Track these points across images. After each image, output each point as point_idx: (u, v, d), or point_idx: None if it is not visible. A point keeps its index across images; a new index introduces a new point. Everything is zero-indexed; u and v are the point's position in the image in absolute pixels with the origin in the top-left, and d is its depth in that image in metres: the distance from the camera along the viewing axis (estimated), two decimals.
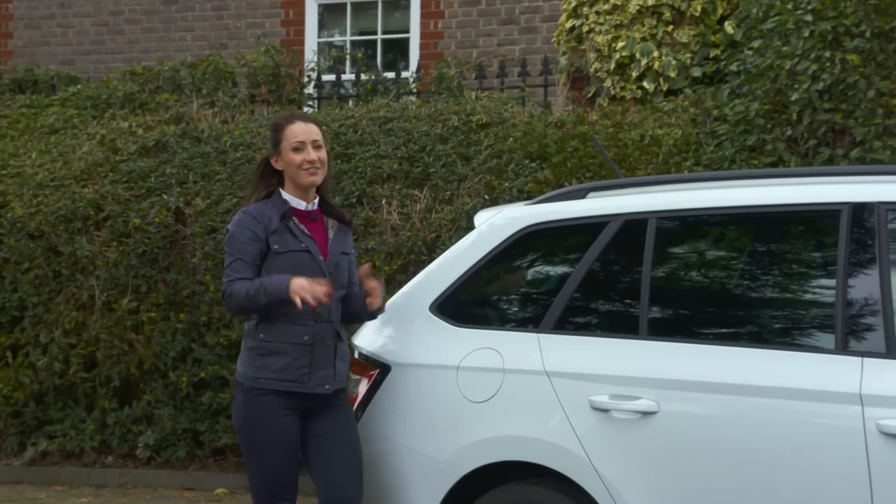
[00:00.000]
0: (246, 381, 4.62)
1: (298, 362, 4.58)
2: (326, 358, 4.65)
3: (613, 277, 4.70)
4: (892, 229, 4.12)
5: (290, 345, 4.58)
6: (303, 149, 4.67)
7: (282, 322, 4.58)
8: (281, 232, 4.61)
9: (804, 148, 6.78)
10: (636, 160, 7.35)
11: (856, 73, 6.59)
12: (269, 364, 4.58)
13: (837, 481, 3.97)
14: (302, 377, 4.59)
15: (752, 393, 4.16)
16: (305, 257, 4.63)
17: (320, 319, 4.62)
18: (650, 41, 8.71)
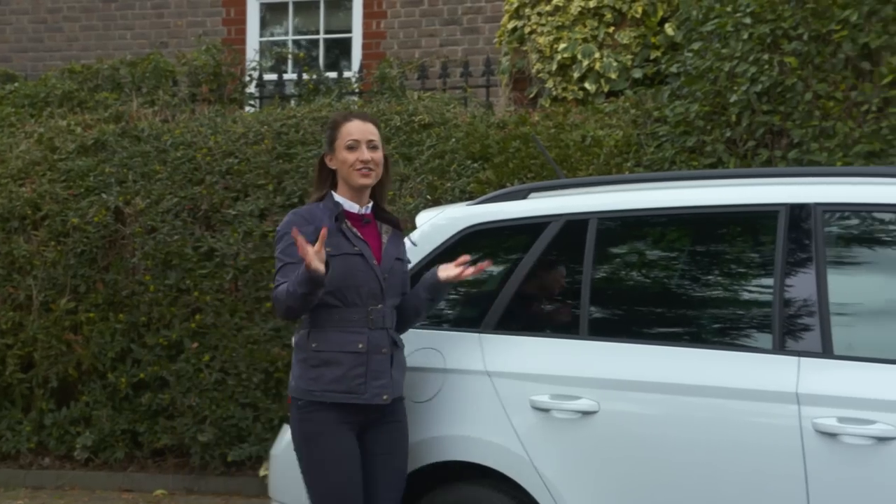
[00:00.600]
0: (300, 396, 4.35)
1: (353, 372, 4.32)
2: (383, 367, 4.38)
3: (555, 278, 4.71)
4: (829, 230, 4.17)
5: (345, 353, 4.33)
6: (357, 148, 4.44)
7: (334, 330, 4.34)
8: (333, 234, 4.36)
9: (743, 149, 6.84)
10: (577, 161, 7.38)
11: (793, 76, 6.66)
12: (323, 375, 4.32)
13: (775, 480, 4.01)
14: (358, 387, 4.32)
15: (691, 392, 4.18)
16: (359, 261, 4.38)
17: (374, 326, 4.37)
18: (591, 42, 8.76)
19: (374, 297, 4.37)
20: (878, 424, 3.86)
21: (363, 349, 4.33)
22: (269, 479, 5.16)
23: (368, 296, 4.36)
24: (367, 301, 4.36)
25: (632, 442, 4.26)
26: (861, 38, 6.48)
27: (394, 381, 4.41)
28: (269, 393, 7.72)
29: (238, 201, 7.90)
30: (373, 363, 4.35)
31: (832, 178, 4.36)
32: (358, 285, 4.35)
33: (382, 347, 4.38)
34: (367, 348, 4.34)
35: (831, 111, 6.55)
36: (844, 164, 6.31)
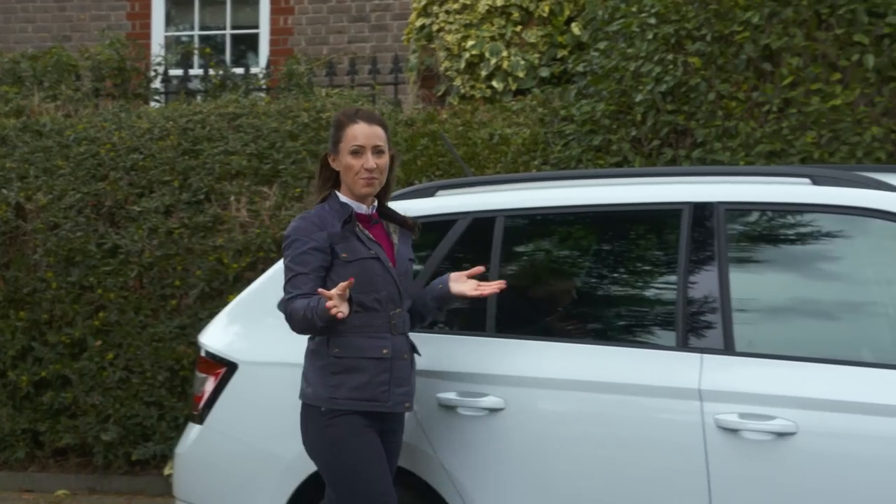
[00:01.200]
0: (322, 404, 4.16)
1: (378, 379, 4.15)
2: (405, 373, 4.23)
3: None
4: (731, 229, 4.23)
5: (368, 360, 4.15)
6: (362, 154, 4.22)
7: (356, 336, 4.15)
8: (347, 239, 4.17)
9: (648, 148, 6.91)
10: (485, 159, 7.41)
11: (697, 76, 6.74)
12: (345, 382, 4.14)
13: (678, 475, 4.06)
14: (381, 395, 4.16)
15: (596, 389, 4.22)
16: (376, 265, 4.19)
17: (396, 331, 4.21)
18: (499, 41, 8.79)
19: (393, 302, 4.22)
20: (778, 420, 3.93)
21: (387, 355, 4.17)
22: (174, 478, 5.11)
23: (388, 300, 4.20)
24: (388, 306, 4.20)
25: (538, 439, 4.29)
26: (762, 40, 6.59)
27: (412, 387, 4.28)
28: (175, 391, 7.64)
29: (143, 198, 7.81)
30: (396, 370, 4.19)
31: (734, 177, 4.43)
32: (377, 290, 4.17)
33: (404, 353, 4.23)
34: (391, 354, 4.18)
35: (734, 111, 6.65)
36: (746, 163, 6.41)
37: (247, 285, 5.17)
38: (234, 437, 4.76)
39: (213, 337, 4.98)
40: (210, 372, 4.89)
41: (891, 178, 4.20)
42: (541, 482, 4.28)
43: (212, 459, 4.83)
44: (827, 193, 4.13)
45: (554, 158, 7.29)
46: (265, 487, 4.64)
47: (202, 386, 4.91)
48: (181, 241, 7.64)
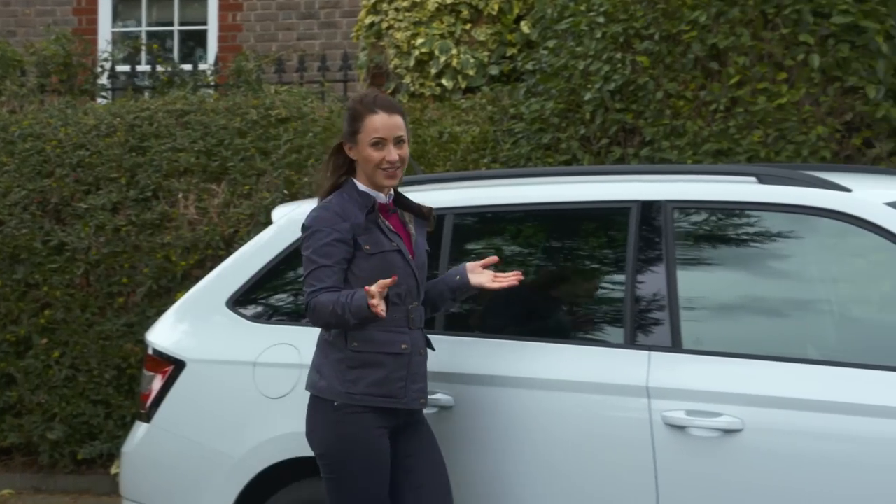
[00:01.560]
0: (336, 398, 4.04)
1: (395, 374, 4.04)
2: (421, 369, 4.13)
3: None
4: (679, 227, 4.26)
5: (387, 355, 4.04)
6: (383, 146, 4.07)
7: (375, 329, 4.02)
8: (370, 230, 4.05)
9: (597, 146, 6.94)
10: (435, 157, 7.42)
11: (645, 75, 6.78)
12: (363, 377, 4.03)
13: (626, 472, 4.09)
14: (398, 391, 4.05)
15: (545, 387, 4.24)
16: (398, 258, 4.07)
17: (414, 326, 4.10)
18: (449, 39, 8.80)
19: (411, 295, 4.11)
20: (725, 417, 3.96)
21: (406, 350, 4.06)
22: (121, 477, 5.08)
23: (407, 294, 4.09)
24: (407, 299, 4.09)
25: (486, 436, 4.30)
26: (709, 39, 6.63)
27: (427, 383, 4.18)
28: (122, 389, 7.59)
29: (89, 194, 7.74)
30: (413, 365, 4.09)
31: (682, 175, 4.46)
32: (398, 283, 4.04)
33: (421, 348, 4.14)
34: (410, 349, 4.08)
35: (681, 110, 6.69)
36: (694, 161, 6.45)
37: (195, 283, 5.15)
38: (182, 435, 4.74)
39: (160, 335, 4.96)
40: (157, 370, 4.86)
41: (835, 177, 4.25)
42: (489, 480, 4.29)
43: (159, 458, 4.81)
44: (772, 192, 4.17)
45: (503, 156, 7.30)
46: (213, 486, 4.62)
47: (149, 384, 4.88)
48: (128, 238, 7.59)
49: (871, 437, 3.80)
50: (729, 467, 3.95)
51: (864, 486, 3.79)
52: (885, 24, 6.40)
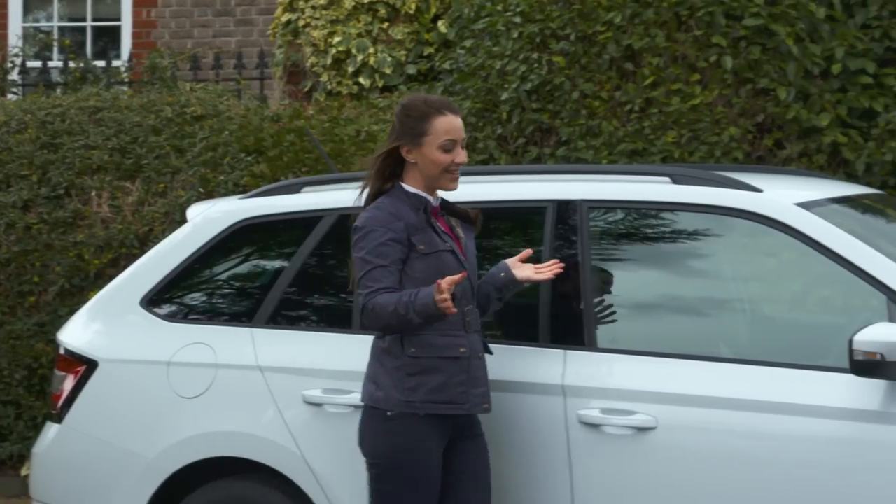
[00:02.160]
0: (393, 407, 3.91)
1: (455, 379, 3.90)
2: (481, 373, 3.98)
3: (328, 271, 4.71)
4: (594, 226, 4.29)
5: (445, 360, 3.90)
6: (453, 149, 3.97)
7: (431, 334, 3.90)
8: (423, 230, 3.94)
9: (513, 146, 6.97)
10: (352, 155, 7.40)
11: (561, 75, 6.82)
12: (423, 384, 3.89)
13: (542, 470, 4.11)
14: (459, 396, 3.91)
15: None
16: (451, 258, 3.97)
17: (470, 329, 3.97)
18: (366, 37, 8.79)
19: (466, 297, 3.98)
20: (639, 415, 4.00)
21: (465, 353, 3.93)
22: (31, 479, 5.01)
23: (462, 296, 3.93)
24: (461, 302, 3.93)
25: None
26: (624, 40, 6.70)
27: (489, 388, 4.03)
28: (33, 390, 7.48)
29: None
30: (472, 369, 3.95)
31: (597, 175, 4.50)
32: None
33: (479, 353, 4.00)
34: (468, 353, 3.94)
35: (597, 110, 6.75)
36: (609, 161, 6.51)
37: (108, 282, 5.09)
38: (94, 436, 4.68)
39: (72, 334, 4.89)
40: (69, 370, 4.80)
41: (747, 178, 4.31)
42: None
43: (70, 459, 4.75)
44: (686, 192, 4.22)
45: None
46: (125, 487, 4.58)
47: (61, 384, 4.82)
48: (40, 236, 7.48)
49: (783, 435, 3.85)
50: (643, 465, 3.99)
51: (775, 483, 3.85)
52: (795, 27, 6.51)
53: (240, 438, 4.49)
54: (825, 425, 3.80)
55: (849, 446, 3.76)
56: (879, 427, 3.72)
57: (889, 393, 3.72)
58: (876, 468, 3.71)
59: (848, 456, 3.75)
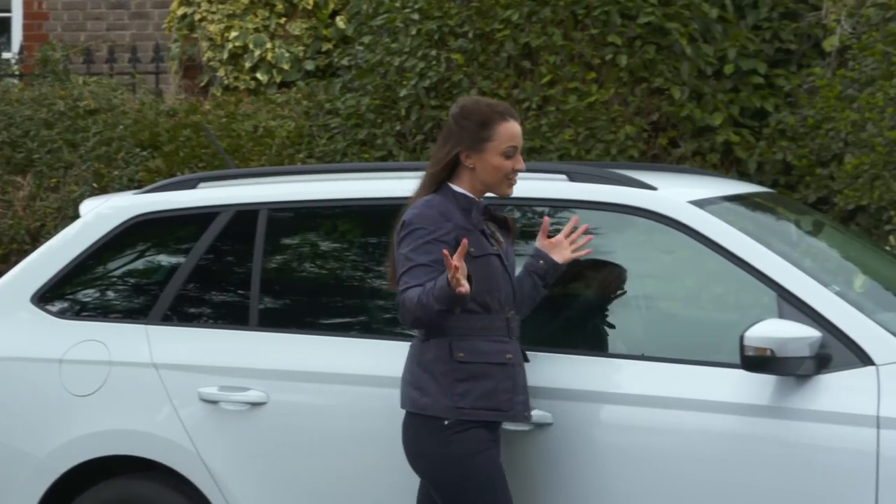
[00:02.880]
0: (446, 415, 3.77)
1: (502, 386, 3.81)
2: (523, 380, 3.88)
3: (224, 268, 4.68)
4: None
5: (494, 365, 3.80)
6: (514, 155, 3.89)
7: (480, 339, 3.81)
8: (473, 232, 3.83)
9: (412, 143, 6.99)
10: (249, 151, 7.36)
11: (459, 73, 6.86)
12: (473, 390, 3.78)
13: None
14: (505, 404, 3.81)
15: (360, 382, 4.24)
16: (498, 263, 3.88)
17: (513, 335, 3.89)
18: (263, 32, 8.73)
19: (509, 303, 3.90)
20: (535, 411, 4.01)
21: (512, 360, 3.84)
22: None
23: (505, 301, 3.88)
24: (505, 307, 3.88)
25: (301, 433, 4.28)
26: (522, 38, 6.75)
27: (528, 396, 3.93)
28: None
29: None
30: (517, 377, 3.86)
31: None
32: (499, 289, 3.86)
33: (520, 359, 3.91)
34: (514, 359, 3.85)
35: None
36: None
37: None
38: None
39: None
40: None
41: (643, 176, 4.36)
42: (303, 477, 4.27)
43: None
44: (582, 189, 4.26)
45: (319, 152, 7.29)
46: (15, 487, 4.50)
47: None
48: None
49: (677, 429, 3.90)
50: (535, 461, 4.02)
51: (670, 477, 3.90)
52: (689, 28, 6.61)
53: (134, 437, 4.44)
54: (718, 420, 3.86)
55: (740, 441, 3.82)
56: (769, 421, 3.79)
57: (778, 388, 3.80)
58: (766, 462, 3.78)
59: (739, 450, 3.82)
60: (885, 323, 3.82)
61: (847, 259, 4.61)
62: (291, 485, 4.28)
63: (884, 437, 3.63)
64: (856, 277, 4.35)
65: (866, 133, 6.15)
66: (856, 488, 3.66)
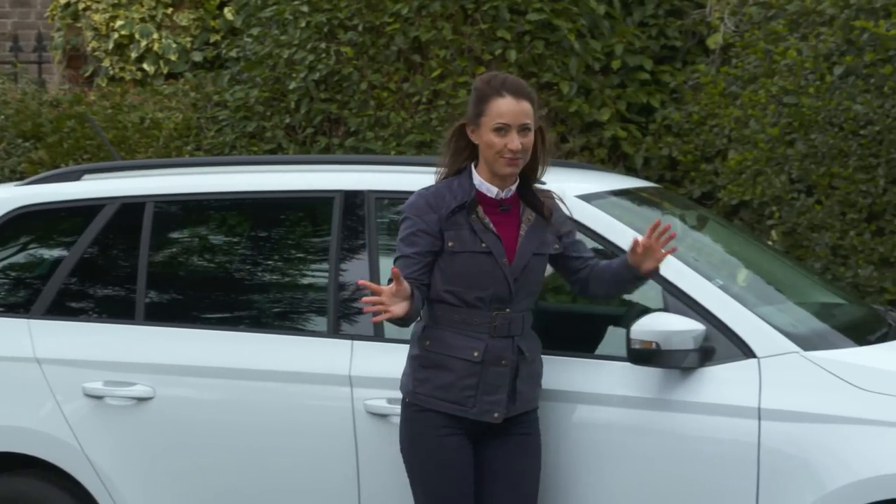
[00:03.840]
0: (406, 395, 3.81)
1: (463, 382, 3.74)
2: (501, 381, 3.76)
3: (110, 262, 4.61)
4: (381, 217, 4.32)
5: (457, 360, 3.75)
6: (506, 133, 3.72)
7: (450, 330, 3.76)
8: (459, 226, 3.73)
9: (302, 136, 6.96)
10: (136, 143, 7.27)
11: (349, 66, 6.84)
12: (431, 379, 3.76)
13: (329, 460, 4.11)
14: (466, 400, 3.75)
15: (249, 377, 4.22)
16: (485, 261, 3.73)
17: (497, 334, 3.75)
18: (150, 22, 8.62)
19: (500, 301, 3.77)
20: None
21: (478, 358, 3.75)
22: None
23: (493, 300, 3.76)
24: (491, 305, 3.76)
25: (188, 428, 4.25)
26: (412, 32, 6.76)
27: (519, 395, 3.79)
28: None
29: None
30: (488, 376, 3.75)
31: (385, 166, 4.52)
32: (483, 288, 3.75)
33: (503, 359, 3.77)
34: (482, 358, 3.75)
35: (385, 101, 6.79)
36: (398, 153, 6.56)
37: None
38: None
39: None
40: None
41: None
42: (191, 472, 4.23)
43: None
44: None
45: (207, 144, 7.23)
46: None
47: None
48: None
49: (565, 422, 3.94)
50: None
51: (551, 468, 3.94)
52: (577, 24, 6.69)
53: (15, 433, 4.36)
54: (604, 413, 3.90)
55: (625, 433, 3.87)
56: (655, 414, 3.85)
57: (664, 380, 3.85)
58: (650, 454, 3.83)
59: (625, 443, 3.86)
60: (766, 316, 3.89)
61: (730, 253, 4.70)
62: (178, 480, 4.24)
63: (765, 428, 3.71)
64: (739, 272, 4.43)
65: (749, 130, 6.28)
66: (738, 479, 3.73)
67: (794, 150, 6.11)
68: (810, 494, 3.63)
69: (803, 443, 3.66)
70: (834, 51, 6.20)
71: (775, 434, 3.70)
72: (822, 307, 4.46)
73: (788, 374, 3.75)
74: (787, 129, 6.17)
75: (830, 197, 6.03)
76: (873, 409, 3.64)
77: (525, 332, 3.82)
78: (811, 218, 6.03)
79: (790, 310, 4.24)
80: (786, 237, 6.12)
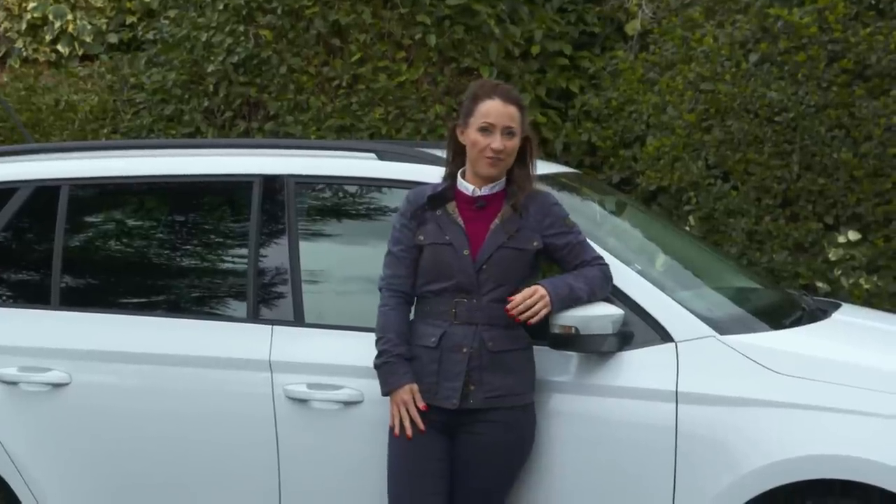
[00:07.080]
0: None
1: (427, 369, 3.87)
2: (459, 368, 3.84)
3: (24, 246, 4.55)
4: (301, 202, 4.30)
5: (420, 347, 3.88)
6: (491, 132, 3.88)
7: (422, 322, 3.91)
8: (429, 220, 3.91)
9: (221, 119, 6.91)
10: (51, 125, 7.18)
11: (268, 49, 6.80)
12: (413, 369, 3.88)
13: (248, 447, 4.10)
14: (430, 386, 3.86)
15: (166, 362, 4.19)
16: (447, 252, 3.87)
17: (458, 321, 3.86)
18: (64, 3, 8.49)
19: (463, 291, 3.86)
20: (345, 389, 4.04)
21: (434, 343, 3.86)
22: None
23: (455, 288, 3.87)
24: (455, 294, 3.87)
25: (105, 414, 4.21)
26: (331, 15, 6.73)
27: (484, 385, 3.84)
28: None
29: None
30: (446, 362, 3.86)
31: (305, 150, 4.51)
32: (448, 278, 3.86)
33: (464, 346, 3.85)
34: (438, 343, 3.86)
35: (305, 85, 6.75)
36: (318, 137, 6.53)
37: None
38: None
39: None
40: None
41: None
42: (107, 458, 4.20)
43: None
44: (391, 168, 4.28)
45: (124, 127, 7.15)
46: None
47: None
48: None
49: None
50: (348, 438, 4.04)
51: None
52: (497, 9, 6.70)
53: None
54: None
55: (546, 418, 3.89)
56: (574, 398, 3.88)
57: (583, 365, 3.88)
58: (569, 438, 3.87)
59: (545, 428, 3.89)
60: (684, 301, 3.94)
61: (649, 239, 4.75)
62: (95, 467, 4.20)
63: (682, 411, 3.76)
64: (657, 257, 4.48)
65: (667, 116, 6.34)
66: (656, 461, 3.77)
67: (710, 136, 6.18)
68: (726, 476, 3.68)
69: (719, 425, 3.71)
70: (749, 38, 6.28)
71: (692, 417, 3.74)
72: (739, 292, 4.52)
73: (705, 357, 3.80)
74: (703, 115, 6.24)
75: (746, 183, 6.12)
76: (787, 392, 3.70)
77: (494, 322, 3.86)
78: (727, 203, 6.11)
79: (707, 295, 4.29)
80: (703, 222, 6.19)
